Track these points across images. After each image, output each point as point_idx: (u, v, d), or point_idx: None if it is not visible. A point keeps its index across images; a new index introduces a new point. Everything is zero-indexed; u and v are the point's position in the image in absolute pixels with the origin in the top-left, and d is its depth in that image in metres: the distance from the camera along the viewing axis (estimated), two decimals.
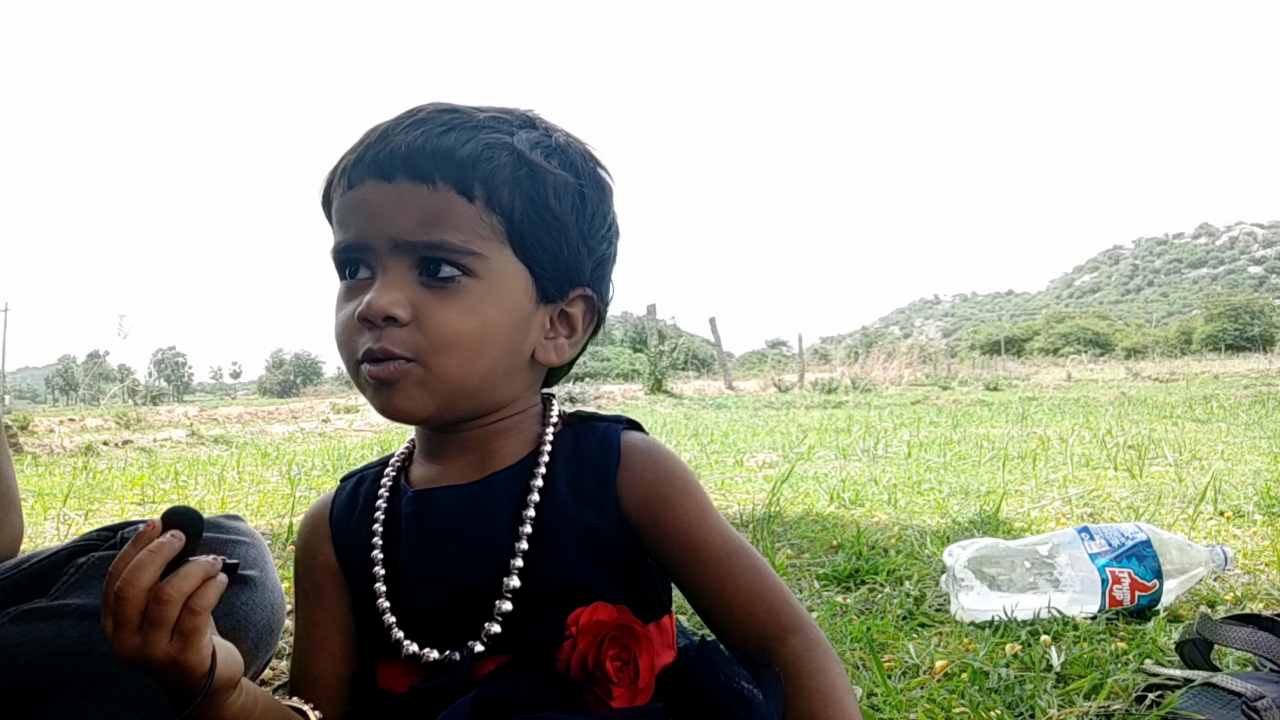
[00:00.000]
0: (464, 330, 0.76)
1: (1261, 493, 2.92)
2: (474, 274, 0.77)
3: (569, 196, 0.81)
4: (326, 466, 5.25)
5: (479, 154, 0.76)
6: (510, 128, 0.80)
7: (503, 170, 0.77)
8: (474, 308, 0.77)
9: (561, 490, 0.81)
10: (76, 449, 7.21)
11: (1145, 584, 1.71)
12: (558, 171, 0.80)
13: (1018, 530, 2.63)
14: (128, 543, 0.73)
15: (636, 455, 0.83)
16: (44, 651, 1.00)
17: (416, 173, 0.76)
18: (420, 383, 0.77)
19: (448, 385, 0.77)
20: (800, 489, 3.56)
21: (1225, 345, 57.34)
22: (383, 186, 0.76)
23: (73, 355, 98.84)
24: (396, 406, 0.77)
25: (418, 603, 0.81)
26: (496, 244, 0.78)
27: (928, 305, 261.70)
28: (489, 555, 0.79)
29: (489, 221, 0.77)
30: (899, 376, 18.10)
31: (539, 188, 0.79)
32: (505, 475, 0.82)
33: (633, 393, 14.61)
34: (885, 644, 1.60)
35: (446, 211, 0.76)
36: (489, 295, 0.77)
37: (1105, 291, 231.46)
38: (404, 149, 0.76)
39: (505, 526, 0.80)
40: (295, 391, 54.12)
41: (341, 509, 0.89)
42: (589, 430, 0.86)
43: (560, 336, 0.85)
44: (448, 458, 0.85)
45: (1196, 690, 1.22)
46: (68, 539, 1.41)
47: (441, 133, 0.77)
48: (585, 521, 0.80)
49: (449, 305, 0.76)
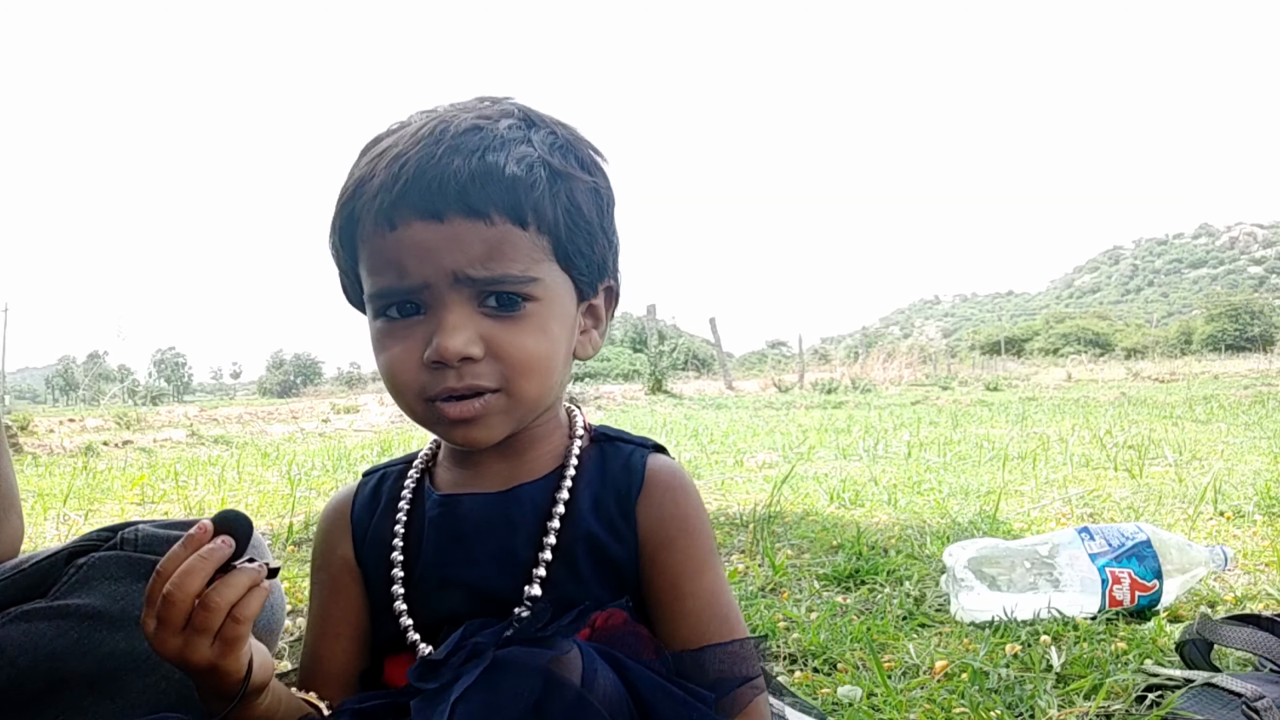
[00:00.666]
0: (539, 354, 0.79)
1: (1261, 493, 2.92)
2: (535, 298, 0.78)
3: (591, 196, 0.82)
4: (326, 466, 5.25)
5: (523, 178, 0.77)
6: (522, 133, 0.80)
7: (545, 190, 0.78)
8: (542, 329, 0.79)
9: (584, 509, 0.83)
10: (76, 449, 7.21)
11: (1145, 584, 1.71)
12: (581, 175, 0.82)
13: (1018, 530, 2.63)
14: (178, 542, 0.73)
15: (658, 486, 0.85)
16: (44, 651, 1.00)
17: (471, 210, 0.75)
18: (503, 411, 0.79)
19: (527, 407, 0.80)
20: (800, 489, 3.56)
21: (1225, 345, 57.32)
22: (434, 227, 0.75)
23: (73, 355, 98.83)
24: (478, 439, 0.79)
25: (435, 605, 0.82)
26: (548, 263, 0.80)
27: (928, 305, 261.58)
28: (510, 564, 0.81)
29: (541, 245, 0.78)
30: (899, 377, 18.09)
31: (572, 197, 0.80)
32: (532, 488, 0.84)
33: (633, 393, 14.60)
34: (885, 644, 1.60)
35: (505, 244, 0.76)
36: (550, 314, 0.80)
37: (1105, 291, 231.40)
38: (453, 185, 0.74)
39: (528, 538, 0.81)
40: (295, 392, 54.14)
41: (363, 506, 0.90)
42: (616, 451, 0.88)
43: (591, 329, 0.88)
44: (480, 464, 0.86)
45: (1196, 690, 1.22)
46: (68, 539, 1.41)
47: (480, 157, 0.76)
48: (603, 544, 0.82)
49: (520, 332, 0.78)
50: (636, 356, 25.79)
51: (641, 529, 0.83)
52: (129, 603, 1.05)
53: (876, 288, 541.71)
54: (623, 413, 11.07)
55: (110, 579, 1.07)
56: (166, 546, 1.11)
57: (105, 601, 1.05)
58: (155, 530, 1.14)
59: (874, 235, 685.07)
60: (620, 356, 34.74)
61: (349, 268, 0.83)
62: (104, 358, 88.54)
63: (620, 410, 11.66)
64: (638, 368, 21.88)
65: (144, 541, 1.12)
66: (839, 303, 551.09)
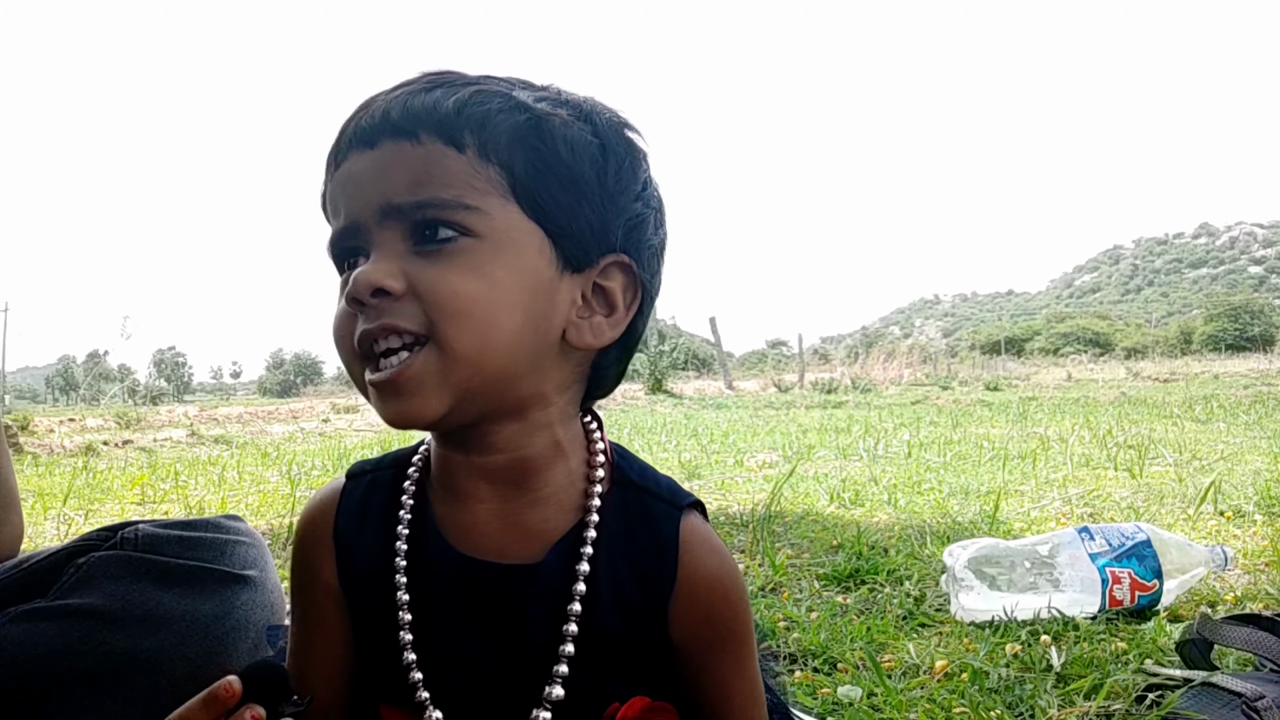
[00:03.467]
0: (469, 292, 0.65)
1: (1261, 493, 2.92)
2: (473, 232, 0.66)
3: (585, 149, 0.70)
4: (326, 466, 5.25)
5: (466, 100, 0.68)
6: (510, 85, 0.71)
7: (496, 116, 0.68)
8: (477, 267, 0.66)
9: (605, 595, 0.71)
10: (76, 449, 7.21)
11: (1145, 584, 1.71)
12: (568, 119, 0.70)
13: (1018, 530, 2.63)
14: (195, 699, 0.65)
15: (698, 577, 0.72)
16: (44, 651, 1.00)
17: (399, 131, 0.67)
18: (434, 370, 0.65)
19: (463, 368, 0.66)
20: (800, 489, 3.56)
21: (1225, 345, 57.32)
22: (367, 154, 0.68)
23: (73, 355, 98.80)
24: (408, 412, 0.67)
25: (438, 666, 0.73)
26: (497, 198, 0.67)
27: (928, 305, 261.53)
28: (524, 650, 0.72)
29: (484, 173, 0.67)
30: (899, 376, 18.09)
31: (545, 137, 0.69)
32: (550, 563, 0.71)
33: (633, 393, 14.61)
34: (885, 644, 1.60)
35: (433, 166, 0.66)
36: (494, 254, 0.66)
37: (1105, 291, 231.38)
38: (384, 110, 0.68)
39: (545, 625, 0.71)
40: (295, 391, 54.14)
41: (349, 519, 0.77)
42: (642, 509, 0.74)
43: (597, 314, 0.72)
44: (473, 495, 0.73)
45: (1196, 690, 1.22)
46: (68, 539, 1.41)
47: (427, 90, 0.69)
48: (628, 644, 0.72)
49: (447, 267, 0.65)
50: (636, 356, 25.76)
51: (675, 629, 0.72)
52: (129, 602, 1.05)
53: (876, 288, 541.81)
54: (623, 413, 11.07)
55: (110, 578, 1.07)
56: (167, 546, 1.12)
57: (105, 601, 1.05)
58: (155, 530, 1.14)
59: (874, 235, 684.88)
60: None
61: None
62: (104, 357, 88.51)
63: (620, 410, 11.66)
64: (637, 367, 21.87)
65: (144, 541, 1.12)
66: (839, 303, 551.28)
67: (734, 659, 0.75)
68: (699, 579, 0.72)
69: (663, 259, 0.77)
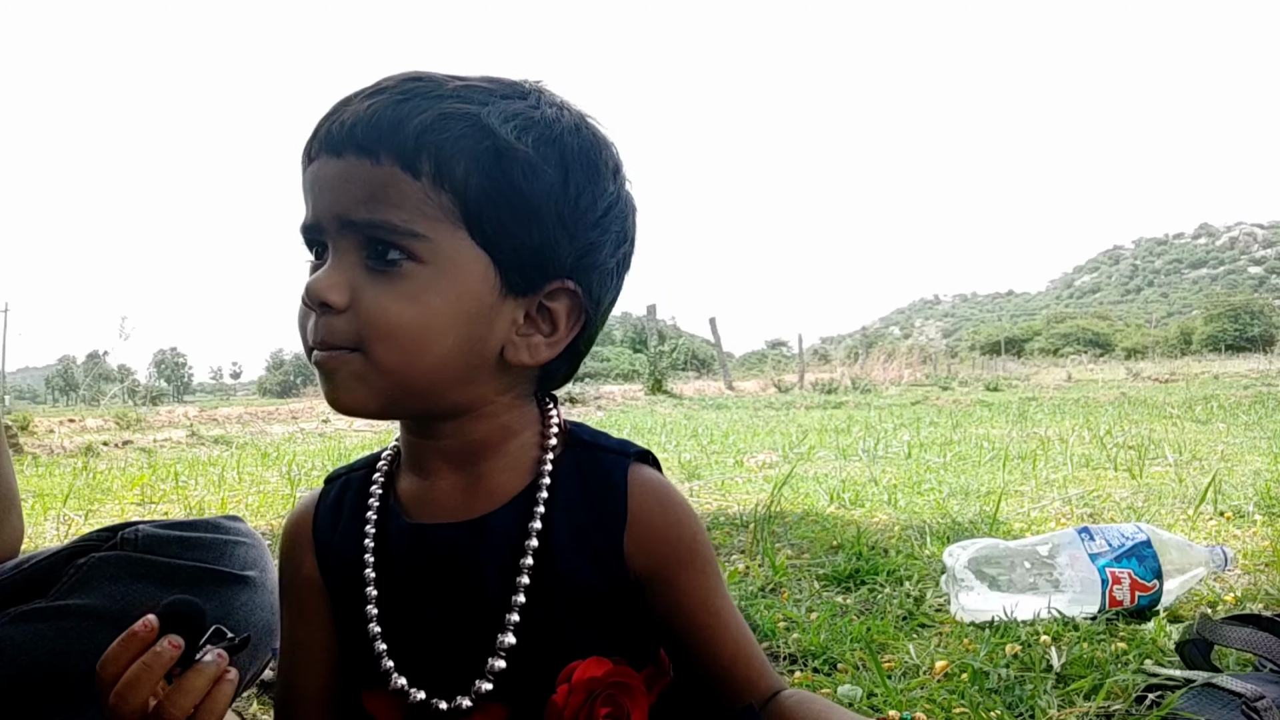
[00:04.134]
0: (401, 319, 0.69)
1: (1261, 493, 2.92)
2: (418, 258, 0.69)
3: (543, 176, 0.71)
4: (326, 467, 5.25)
5: (429, 124, 0.69)
6: (485, 97, 0.72)
7: (457, 143, 0.69)
8: (414, 295, 0.69)
9: (561, 543, 0.75)
10: (76, 449, 7.21)
11: (1145, 584, 1.71)
12: (527, 148, 0.71)
13: (1018, 530, 2.63)
14: (115, 642, 0.67)
15: (648, 511, 0.77)
16: (44, 651, 1.00)
17: (362, 148, 0.70)
18: (359, 375, 0.71)
19: (388, 379, 0.71)
20: (800, 489, 3.56)
21: (1225, 345, 57.33)
22: (333, 163, 0.71)
23: (73, 355, 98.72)
24: (339, 399, 0.72)
25: (408, 639, 0.76)
26: (447, 225, 0.70)
27: (928, 305, 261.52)
28: (482, 606, 0.75)
29: (436, 200, 0.69)
30: (899, 377, 18.10)
31: (503, 164, 0.70)
32: (502, 515, 0.75)
33: (633, 393, 14.60)
34: (885, 644, 1.60)
35: (389, 188, 0.69)
36: (434, 282, 0.70)
37: (1105, 292, 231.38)
38: (352, 122, 0.70)
39: (500, 577, 0.74)
40: (295, 392, 54.10)
41: (325, 518, 0.82)
42: (593, 463, 0.78)
43: (537, 334, 0.75)
44: (434, 471, 0.78)
45: (1196, 690, 1.22)
46: (68, 539, 1.41)
47: (397, 103, 0.70)
48: (586, 582, 0.75)
49: (387, 291, 0.69)
50: (636, 356, 25.78)
51: (637, 562, 0.76)
52: (129, 603, 1.05)
53: (876, 288, 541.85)
54: (623, 413, 11.07)
55: (110, 579, 1.07)
56: (167, 547, 1.12)
57: (105, 601, 1.05)
58: (155, 530, 1.14)
59: (874, 235, 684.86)
60: (620, 356, 34.73)
61: None
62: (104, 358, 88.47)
63: (620, 410, 11.66)
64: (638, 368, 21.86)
65: (144, 541, 1.12)
66: (839, 303, 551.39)
67: (703, 577, 0.79)
68: (649, 510, 0.77)
69: (623, 272, 0.81)
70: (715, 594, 0.80)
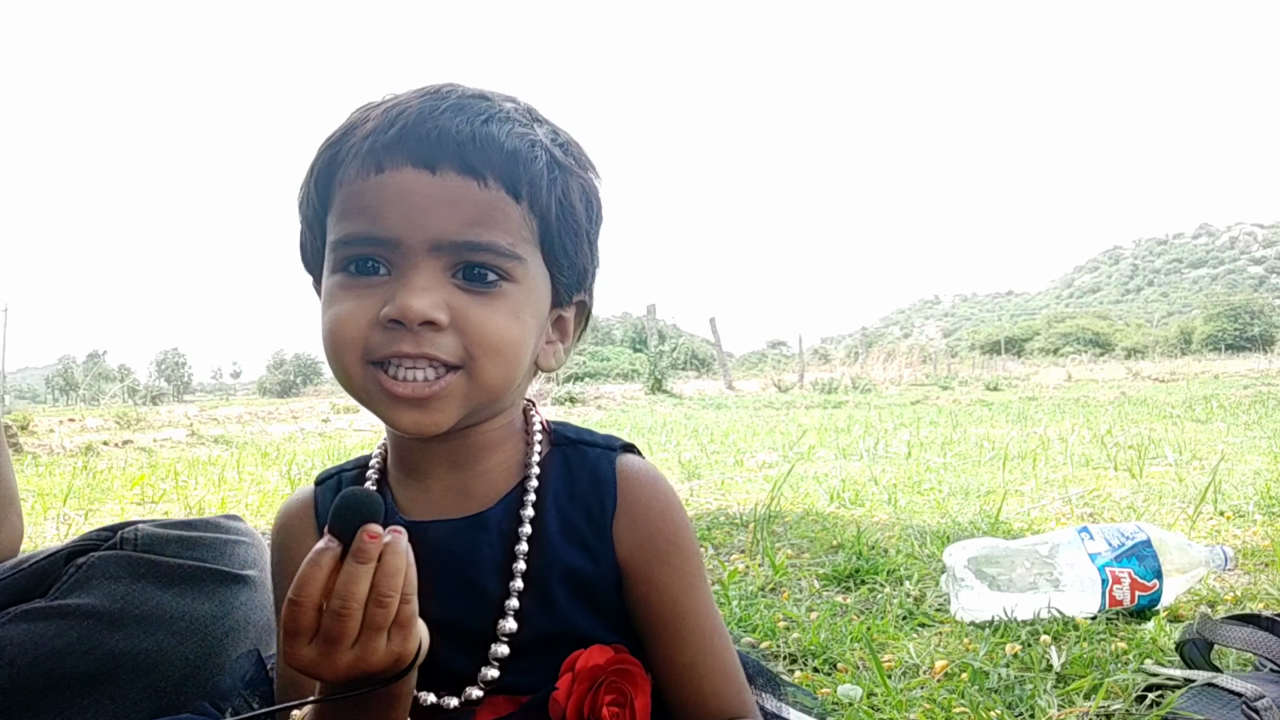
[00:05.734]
0: (509, 337, 0.72)
1: (1261, 493, 2.92)
2: (513, 279, 0.72)
3: (585, 198, 0.78)
4: (326, 466, 5.24)
5: (524, 151, 0.72)
6: (527, 117, 0.76)
7: (544, 171, 0.73)
8: (515, 313, 0.73)
9: (552, 531, 0.78)
10: (76, 449, 7.21)
11: (1145, 584, 1.71)
12: (580, 172, 0.77)
13: (1018, 530, 2.63)
14: (305, 562, 0.62)
15: (635, 499, 0.79)
16: (44, 651, 1.00)
17: (467, 166, 0.70)
18: (461, 395, 0.72)
19: (487, 396, 0.73)
20: (800, 489, 3.56)
21: (1225, 345, 57.34)
22: (425, 177, 0.69)
23: (73, 355, 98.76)
24: (425, 425, 0.71)
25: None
26: (533, 247, 0.74)
27: (928, 305, 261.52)
28: (481, 598, 0.76)
29: (530, 226, 0.73)
30: (899, 376, 18.10)
31: (567, 189, 0.75)
32: (496, 511, 0.78)
33: (633, 393, 14.61)
34: (885, 644, 1.59)
35: (497, 211, 0.71)
36: (526, 301, 0.74)
37: (1105, 291, 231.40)
38: (452, 139, 0.69)
39: (496, 569, 0.76)
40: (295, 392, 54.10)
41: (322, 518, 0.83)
42: (580, 458, 0.81)
43: (557, 342, 0.82)
44: (430, 474, 0.80)
45: (1196, 690, 1.22)
46: (68, 539, 1.41)
47: (484, 122, 0.71)
48: (577, 566, 0.77)
49: (493, 310, 0.71)
50: (636, 356, 25.81)
51: (622, 549, 0.78)
52: (128, 602, 1.05)
53: (876, 288, 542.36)
54: (623, 413, 11.07)
55: (110, 579, 1.07)
56: (166, 546, 1.12)
57: (105, 601, 1.05)
58: (155, 530, 1.14)
59: (874, 235, 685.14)
60: (620, 356, 34.73)
61: (316, 217, 0.76)
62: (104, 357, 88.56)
63: (620, 410, 11.66)
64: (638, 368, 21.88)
65: (144, 541, 1.12)
66: (839, 303, 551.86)
67: (679, 575, 0.80)
68: (636, 499, 0.79)
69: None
70: (688, 593, 0.80)
